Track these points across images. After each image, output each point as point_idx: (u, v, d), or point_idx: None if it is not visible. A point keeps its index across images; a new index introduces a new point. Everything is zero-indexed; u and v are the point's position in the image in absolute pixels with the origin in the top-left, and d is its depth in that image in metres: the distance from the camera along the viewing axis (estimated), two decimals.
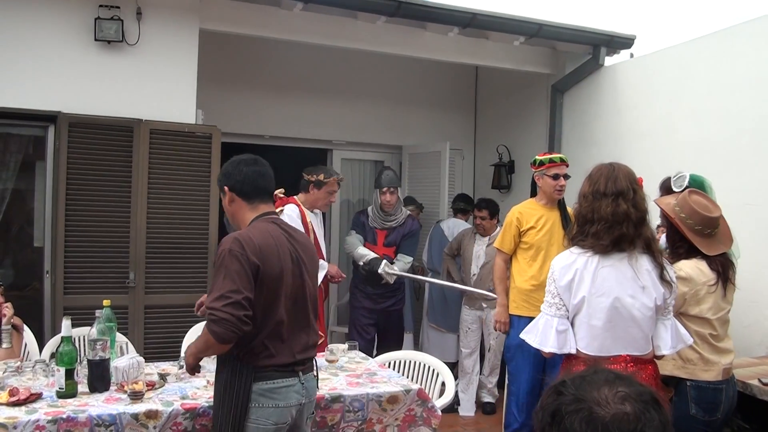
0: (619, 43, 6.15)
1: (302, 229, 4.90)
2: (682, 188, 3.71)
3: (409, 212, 6.10)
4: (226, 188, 2.94)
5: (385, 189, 5.76)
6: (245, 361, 2.72)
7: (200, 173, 5.09)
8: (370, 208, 5.96)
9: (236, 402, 2.71)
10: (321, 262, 5.02)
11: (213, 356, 2.93)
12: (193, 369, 2.90)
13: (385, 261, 5.65)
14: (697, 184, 3.74)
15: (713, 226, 3.25)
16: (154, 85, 5.06)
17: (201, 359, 2.88)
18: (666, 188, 3.86)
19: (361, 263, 5.72)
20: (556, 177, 4.62)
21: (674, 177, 3.85)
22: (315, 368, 3.01)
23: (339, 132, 7.57)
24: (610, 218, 2.77)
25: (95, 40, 4.83)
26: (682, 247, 3.29)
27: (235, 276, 2.62)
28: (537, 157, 4.73)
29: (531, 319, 4.47)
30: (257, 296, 2.68)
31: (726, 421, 3.42)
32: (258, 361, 2.72)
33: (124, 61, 4.97)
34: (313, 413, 3.04)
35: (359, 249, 5.75)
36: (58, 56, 4.82)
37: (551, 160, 4.65)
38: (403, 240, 5.88)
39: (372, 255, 5.69)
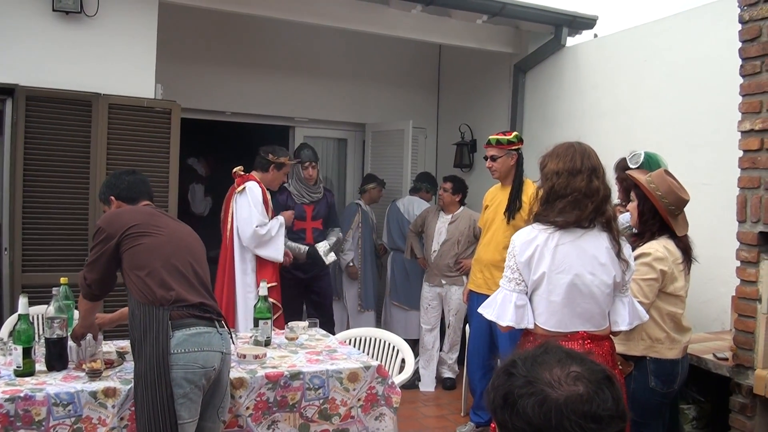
0: (581, 23, 6.18)
1: (263, 206, 4.90)
2: (638, 165, 3.79)
3: (324, 186, 6.12)
4: (111, 198, 3.37)
5: (307, 164, 5.77)
6: (156, 297, 2.90)
7: (159, 149, 5.03)
8: (290, 186, 5.82)
9: (156, 350, 2.83)
10: None
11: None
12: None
13: (317, 247, 5.71)
14: (654, 161, 3.81)
15: (682, 209, 3.32)
16: (113, 59, 4.96)
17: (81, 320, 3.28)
18: (622, 167, 3.92)
19: (302, 257, 5.69)
20: (486, 159, 4.89)
21: (630, 155, 3.92)
22: (229, 331, 3.17)
23: (301, 109, 7.52)
24: (584, 192, 2.79)
25: (53, 10, 4.71)
26: (654, 225, 3.34)
27: (102, 242, 3.07)
28: None
29: (472, 291, 4.98)
30: (139, 241, 3.02)
31: (681, 393, 3.52)
32: (166, 295, 2.91)
33: (83, 33, 4.86)
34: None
35: (289, 243, 5.55)
36: (15, 26, 4.69)
37: (487, 142, 4.90)
38: (330, 213, 5.95)
39: (304, 247, 5.68)
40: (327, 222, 5.89)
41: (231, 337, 3.18)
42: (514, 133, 4.82)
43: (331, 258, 5.76)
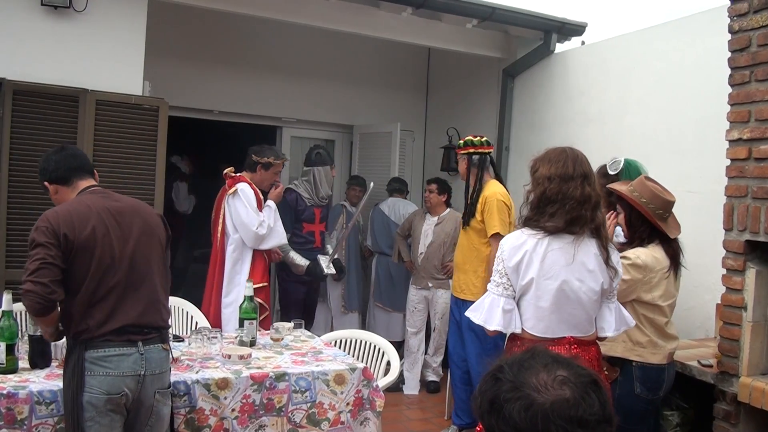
0: (571, 30, 6.20)
1: (256, 206, 4.87)
2: (617, 172, 3.81)
3: None
4: (46, 183, 3.10)
5: (334, 165, 5.92)
6: (72, 328, 2.77)
7: (147, 146, 4.99)
8: (301, 187, 5.83)
9: (73, 372, 2.73)
10: None
11: None
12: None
13: (320, 260, 5.64)
14: (633, 168, 3.82)
15: (670, 211, 3.35)
16: (102, 54, 4.92)
17: (47, 332, 2.93)
18: (602, 174, 3.93)
19: (300, 270, 5.59)
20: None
21: (610, 162, 3.94)
22: (166, 341, 2.99)
23: (289, 109, 7.50)
24: (578, 199, 2.78)
25: (42, 4, 4.67)
26: (645, 232, 3.36)
27: (40, 249, 2.70)
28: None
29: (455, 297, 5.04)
30: (71, 263, 2.75)
31: (665, 399, 3.54)
32: (81, 327, 2.75)
33: (71, 28, 4.82)
34: (169, 387, 2.99)
35: (291, 254, 5.54)
36: (3, 20, 4.64)
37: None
38: (330, 217, 6.14)
39: (305, 262, 5.56)
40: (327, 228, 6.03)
41: (170, 351, 3.01)
42: (467, 138, 5.00)
43: (330, 270, 5.72)
